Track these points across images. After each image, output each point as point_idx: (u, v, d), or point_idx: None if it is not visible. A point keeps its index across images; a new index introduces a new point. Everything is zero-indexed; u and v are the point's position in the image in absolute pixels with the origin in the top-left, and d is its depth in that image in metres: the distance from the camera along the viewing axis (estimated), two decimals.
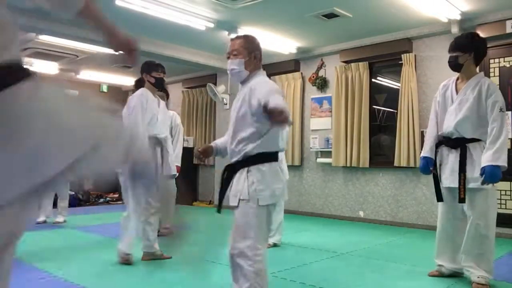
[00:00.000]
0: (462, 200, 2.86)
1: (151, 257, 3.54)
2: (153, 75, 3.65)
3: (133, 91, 3.86)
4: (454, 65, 3.00)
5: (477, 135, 2.88)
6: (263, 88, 2.05)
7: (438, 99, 3.11)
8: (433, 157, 3.06)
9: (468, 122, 2.89)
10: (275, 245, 4.17)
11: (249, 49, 2.21)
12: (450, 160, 2.95)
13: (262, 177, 2.07)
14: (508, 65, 4.93)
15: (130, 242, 3.42)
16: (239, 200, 2.07)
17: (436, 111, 3.12)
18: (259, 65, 2.28)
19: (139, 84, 3.95)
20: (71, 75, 8.95)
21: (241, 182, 2.09)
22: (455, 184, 2.89)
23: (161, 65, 3.73)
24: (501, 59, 4.96)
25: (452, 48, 3.00)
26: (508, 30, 4.80)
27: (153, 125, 3.55)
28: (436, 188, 3.05)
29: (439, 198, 3.03)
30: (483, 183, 2.76)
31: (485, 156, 2.76)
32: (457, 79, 3.07)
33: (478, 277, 2.81)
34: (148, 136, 3.49)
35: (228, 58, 2.24)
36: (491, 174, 2.71)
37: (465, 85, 2.96)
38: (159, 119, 3.60)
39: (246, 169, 2.10)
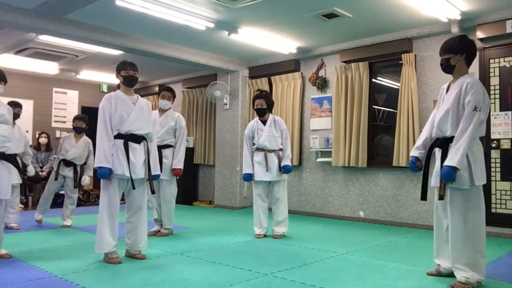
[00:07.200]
0: (440, 197, 2.88)
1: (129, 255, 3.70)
2: (122, 74, 3.62)
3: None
4: (446, 67, 3.01)
5: (455, 133, 2.85)
6: None
7: (438, 101, 3.15)
8: (418, 156, 3.10)
9: (446, 121, 2.90)
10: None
11: None
12: (436, 159, 2.99)
13: None
14: (508, 65, 4.93)
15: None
16: None
17: (435, 113, 3.15)
18: None
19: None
20: (71, 75, 8.95)
21: None
22: (437, 183, 2.92)
23: (130, 63, 3.66)
24: (501, 59, 4.96)
25: (443, 51, 3.01)
26: (508, 30, 4.81)
27: (123, 124, 3.50)
28: (423, 186, 3.09)
29: (423, 197, 3.07)
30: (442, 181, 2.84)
31: (448, 156, 2.81)
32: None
33: (461, 277, 2.82)
34: (120, 133, 3.50)
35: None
36: (445, 175, 2.78)
37: (453, 85, 2.99)
38: (131, 116, 3.53)
39: None
